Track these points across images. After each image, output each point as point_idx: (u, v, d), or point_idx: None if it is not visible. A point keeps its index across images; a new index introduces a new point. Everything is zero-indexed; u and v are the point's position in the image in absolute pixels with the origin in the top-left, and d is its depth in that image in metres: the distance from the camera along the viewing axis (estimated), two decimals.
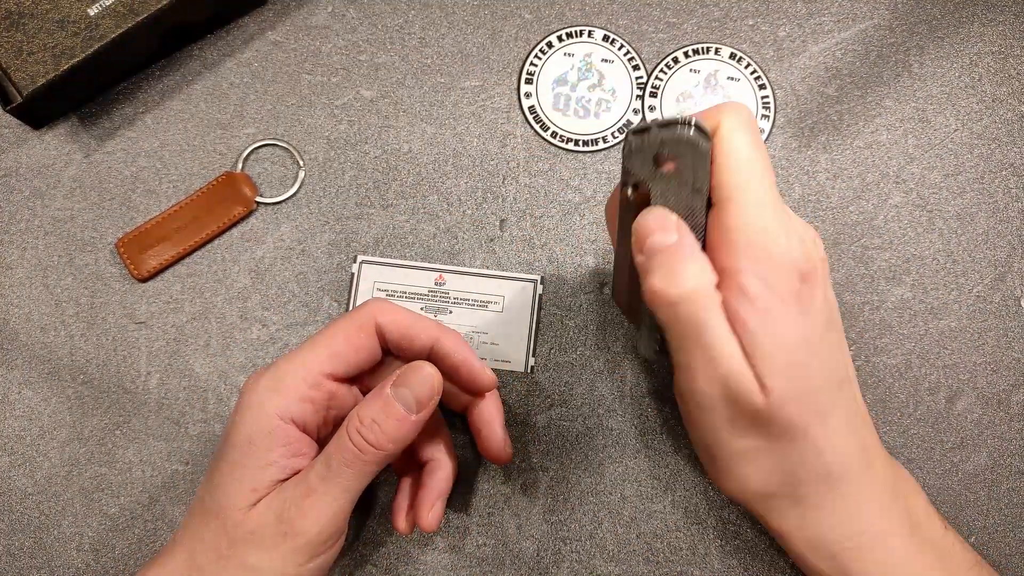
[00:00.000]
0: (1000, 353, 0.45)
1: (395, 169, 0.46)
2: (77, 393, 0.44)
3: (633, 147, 0.32)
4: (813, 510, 0.35)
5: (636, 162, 0.33)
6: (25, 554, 0.42)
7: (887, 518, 0.35)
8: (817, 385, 0.33)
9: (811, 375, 0.33)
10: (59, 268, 0.45)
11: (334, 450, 0.34)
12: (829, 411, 0.33)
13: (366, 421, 0.34)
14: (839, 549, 0.35)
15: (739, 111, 0.33)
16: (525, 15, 0.48)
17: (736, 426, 0.34)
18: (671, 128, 0.32)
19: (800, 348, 0.32)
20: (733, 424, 0.34)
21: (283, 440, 0.35)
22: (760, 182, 0.32)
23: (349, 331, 0.37)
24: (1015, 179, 0.46)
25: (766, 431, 0.33)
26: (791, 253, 0.32)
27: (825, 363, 0.33)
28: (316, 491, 0.34)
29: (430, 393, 0.35)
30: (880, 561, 0.35)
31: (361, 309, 0.37)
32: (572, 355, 0.45)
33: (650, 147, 0.32)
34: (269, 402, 0.35)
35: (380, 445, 0.34)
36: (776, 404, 0.32)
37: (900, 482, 0.37)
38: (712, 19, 0.48)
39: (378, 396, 0.35)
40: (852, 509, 0.35)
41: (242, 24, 0.48)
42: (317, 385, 0.36)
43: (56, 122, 0.46)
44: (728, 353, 0.32)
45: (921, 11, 0.48)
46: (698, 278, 0.32)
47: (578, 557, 0.42)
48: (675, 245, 0.32)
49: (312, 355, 0.36)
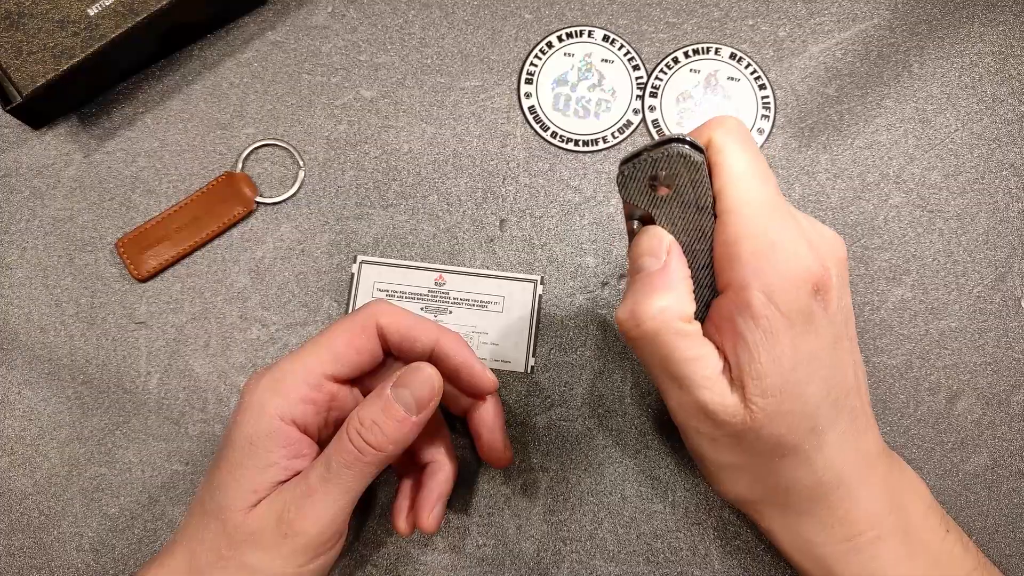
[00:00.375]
0: (1000, 353, 0.45)
1: (395, 169, 0.46)
2: (77, 393, 0.44)
3: (626, 175, 0.32)
4: (801, 516, 0.35)
5: (632, 190, 0.32)
6: (25, 554, 0.42)
7: (879, 523, 0.35)
8: (815, 403, 0.32)
9: (809, 393, 0.32)
10: (59, 268, 0.45)
11: (334, 451, 0.34)
12: (827, 426, 0.33)
13: (366, 422, 0.34)
14: (825, 552, 0.35)
15: (729, 122, 0.32)
16: (525, 15, 0.48)
17: (717, 444, 0.33)
18: (661, 148, 0.31)
19: (800, 367, 0.31)
20: (714, 443, 0.33)
21: (284, 441, 0.35)
22: (760, 191, 0.31)
23: (350, 333, 0.37)
24: (1015, 179, 0.46)
25: (751, 448, 0.33)
26: (801, 264, 0.31)
27: (828, 379, 0.32)
28: (316, 492, 0.34)
29: (430, 394, 0.35)
30: (868, 566, 0.35)
31: (362, 310, 0.37)
32: (572, 355, 0.45)
33: (643, 172, 0.31)
34: (270, 403, 0.35)
35: (380, 446, 0.34)
36: (761, 424, 0.31)
37: (900, 484, 0.37)
38: (712, 19, 0.48)
39: (378, 397, 0.35)
40: (841, 516, 0.34)
41: (242, 24, 0.48)
42: (318, 386, 0.36)
43: (56, 122, 0.46)
44: (698, 383, 0.31)
45: (921, 11, 0.48)
46: (661, 313, 0.31)
47: (578, 557, 0.42)
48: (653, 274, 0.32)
49: (313, 356, 0.36)
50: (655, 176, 0.31)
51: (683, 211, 0.32)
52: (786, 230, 0.31)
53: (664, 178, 0.31)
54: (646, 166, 0.31)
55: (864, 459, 0.35)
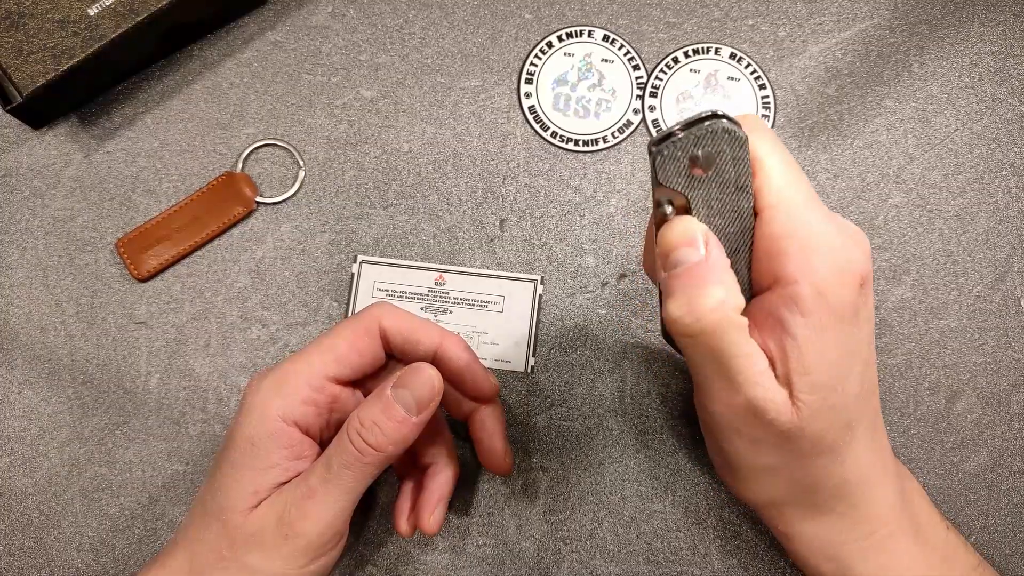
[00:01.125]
0: (1000, 353, 0.45)
1: (395, 169, 0.46)
2: (77, 393, 0.44)
3: (666, 155, 0.29)
4: (823, 515, 0.35)
5: (671, 172, 0.30)
6: (25, 554, 0.42)
7: (894, 520, 0.35)
8: (852, 398, 0.32)
9: (848, 388, 0.31)
10: (59, 268, 0.45)
11: (334, 452, 0.34)
12: (858, 422, 0.33)
13: (366, 423, 0.34)
14: (844, 551, 0.35)
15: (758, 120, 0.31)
16: (525, 15, 0.48)
17: (759, 446, 0.33)
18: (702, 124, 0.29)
19: (843, 361, 0.31)
20: (756, 444, 0.33)
21: (285, 443, 0.35)
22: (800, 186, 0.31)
23: (353, 335, 0.37)
24: (1015, 179, 0.46)
25: (792, 449, 0.32)
26: (849, 257, 0.30)
27: (864, 373, 0.32)
28: (317, 493, 0.34)
29: (431, 395, 0.35)
30: (884, 563, 0.35)
31: (366, 312, 0.37)
32: (572, 355, 0.45)
33: (683, 151, 0.29)
34: (272, 404, 0.35)
35: (380, 447, 0.34)
36: (806, 421, 0.31)
37: (906, 484, 0.37)
38: (712, 19, 0.48)
39: (378, 398, 0.35)
40: (861, 513, 0.35)
41: (242, 24, 0.48)
42: (320, 388, 0.36)
43: (56, 122, 0.46)
44: (752, 379, 0.30)
45: (921, 11, 0.48)
46: (721, 305, 0.30)
47: (578, 557, 0.42)
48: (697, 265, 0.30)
49: (316, 358, 0.36)
50: (695, 157, 0.29)
51: (722, 193, 0.30)
52: (828, 225, 0.30)
53: (704, 157, 0.29)
54: (688, 144, 0.29)
55: (881, 457, 0.35)
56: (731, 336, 0.30)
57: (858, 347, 0.31)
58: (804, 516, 0.35)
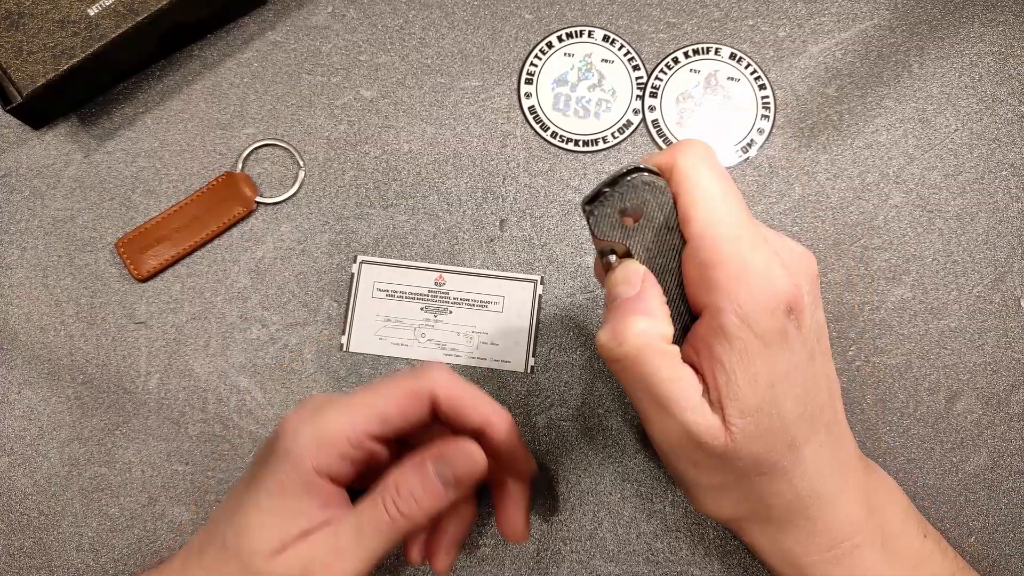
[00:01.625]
0: (1000, 353, 0.45)
1: (395, 169, 0.46)
2: (77, 393, 0.44)
3: (597, 214, 0.32)
4: (783, 529, 0.35)
5: (605, 227, 0.33)
6: (25, 554, 0.42)
7: (858, 532, 0.35)
8: (791, 420, 0.32)
9: (785, 411, 0.32)
10: (59, 268, 0.45)
11: (367, 517, 0.34)
12: (804, 441, 0.33)
13: (403, 492, 0.34)
14: (807, 563, 0.35)
15: (696, 146, 0.32)
16: (525, 15, 0.48)
17: (700, 466, 0.34)
18: (623, 181, 0.32)
19: (776, 386, 0.31)
20: (696, 465, 0.34)
21: (317, 494, 0.35)
22: (730, 213, 0.32)
23: (405, 398, 0.36)
24: (1015, 179, 0.46)
25: (732, 469, 0.33)
26: (774, 285, 0.31)
27: (803, 395, 0.32)
28: (344, 553, 0.34)
29: (471, 475, 0.35)
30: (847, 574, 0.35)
31: (421, 374, 0.36)
32: (572, 355, 0.45)
33: (612, 207, 0.32)
34: (309, 455, 0.34)
35: (414, 517, 0.34)
36: (741, 444, 0.32)
37: (877, 492, 0.37)
38: (712, 19, 0.48)
39: (418, 470, 0.34)
40: (821, 527, 0.35)
41: (242, 24, 0.48)
42: (359, 445, 0.35)
43: (56, 122, 0.46)
44: (683, 404, 0.31)
45: (921, 11, 0.48)
46: (643, 333, 0.31)
47: (578, 557, 0.42)
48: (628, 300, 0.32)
49: (361, 415, 0.35)
50: (624, 209, 0.32)
51: (656, 235, 0.33)
52: (758, 251, 0.31)
53: (632, 208, 0.32)
54: (615, 200, 0.32)
55: (841, 469, 0.35)
56: (657, 362, 0.31)
57: (793, 370, 0.32)
58: (763, 530, 0.36)
